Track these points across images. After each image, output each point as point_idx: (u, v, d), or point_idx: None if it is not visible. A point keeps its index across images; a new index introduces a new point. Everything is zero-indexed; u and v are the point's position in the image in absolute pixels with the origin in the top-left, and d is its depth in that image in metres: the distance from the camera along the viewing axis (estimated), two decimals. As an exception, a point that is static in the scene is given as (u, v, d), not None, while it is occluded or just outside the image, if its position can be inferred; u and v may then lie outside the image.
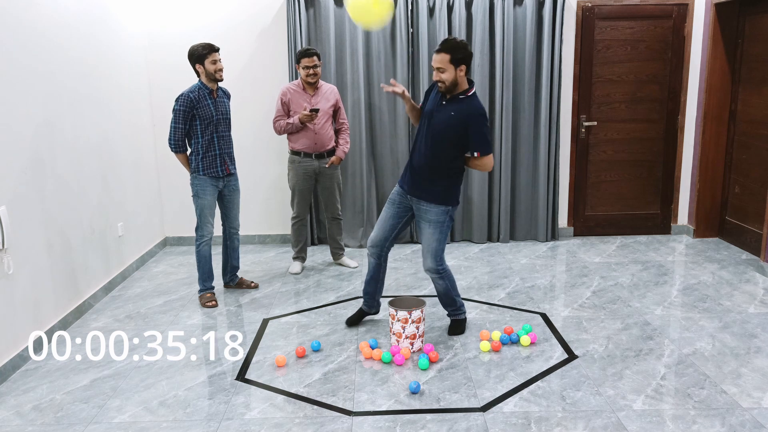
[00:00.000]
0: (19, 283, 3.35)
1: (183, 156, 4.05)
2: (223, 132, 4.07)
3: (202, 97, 3.94)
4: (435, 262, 3.41)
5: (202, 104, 3.94)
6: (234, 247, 4.37)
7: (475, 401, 2.88)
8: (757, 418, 2.70)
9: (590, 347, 3.42)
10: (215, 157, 4.04)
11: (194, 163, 4.03)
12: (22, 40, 3.43)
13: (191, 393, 3.01)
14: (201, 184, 4.04)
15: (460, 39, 3.28)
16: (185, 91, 3.93)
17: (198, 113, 3.94)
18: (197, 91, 3.93)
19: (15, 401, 2.97)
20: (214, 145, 4.03)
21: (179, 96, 3.92)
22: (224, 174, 4.10)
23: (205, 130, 3.98)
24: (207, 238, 4.12)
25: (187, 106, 3.90)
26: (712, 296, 4.15)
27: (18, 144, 3.36)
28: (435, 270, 3.43)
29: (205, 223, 4.09)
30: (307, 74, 4.43)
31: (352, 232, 5.46)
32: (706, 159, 5.38)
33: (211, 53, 3.90)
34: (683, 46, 5.38)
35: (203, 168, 4.02)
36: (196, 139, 4.00)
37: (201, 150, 4.00)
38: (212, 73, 3.92)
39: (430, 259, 3.40)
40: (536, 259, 5.04)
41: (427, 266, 3.42)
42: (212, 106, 3.98)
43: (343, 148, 4.70)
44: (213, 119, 3.99)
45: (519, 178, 5.49)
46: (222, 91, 4.13)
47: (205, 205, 4.07)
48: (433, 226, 3.37)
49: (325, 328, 3.74)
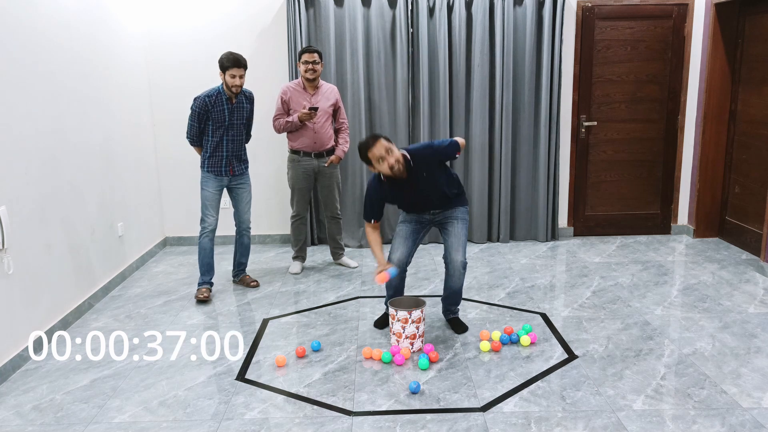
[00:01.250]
0: (19, 283, 3.34)
1: (198, 149, 4.28)
2: (234, 136, 4.21)
3: (219, 102, 4.09)
4: (463, 256, 3.50)
5: (217, 109, 4.10)
6: (243, 243, 4.49)
7: (475, 401, 2.88)
8: (757, 418, 2.70)
9: (590, 347, 3.42)
10: (221, 159, 4.20)
11: (202, 159, 4.23)
12: (22, 40, 3.43)
13: (191, 393, 3.01)
14: (205, 178, 4.24)
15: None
16: (202, 94, 4.09)
17: (212, 116, 4.11)
18: (215, 96, 4.09)
19: (15, 401, 2.97)
20: (222, 147, 4.18)
21: (196, 97, 4.10)
22: (228, 175, 4.24)
23: (215, 131, 4.15)
24: (207, 230, 4.24)
25: (201, 108, 4.08)
26: (712, 296, 4.15)
27: (18, 144, 3.36)
28: (465, 264, 3.52)
29: (206, 215, 4.24)
30: (306, 69, 4.43)
31: (352, 231, 5.46)
32: (706, 159, 5.38)
33: (232, 68, 4.00)
34: (683, 46, 5.38)
35: (208, 166, 4.21)
36: (207, 139, 4.18)
37: (209, 149, 4.18)
38: (228, 86, 4.06)
39: (463, 252, 3.49)
40: (536, 259, 5.04)
41: (461, 260, 3.48)
42: (227, 112, 4.13)
43: (342, 147, 4.70)
44: (225, 123, 4.14)
45: (519, 178, 5.49)
46: (244, 95, 4.22)
47: (206, 197, 4.23)
48: (461, 223, 3.53)
49: (325, 328, 3.74)
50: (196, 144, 4.22)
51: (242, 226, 4.42)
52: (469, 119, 5.35)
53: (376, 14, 5.13)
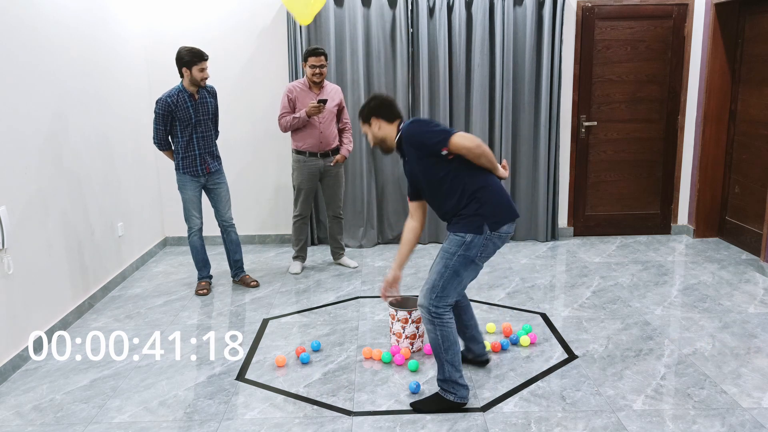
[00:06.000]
0: (19, 283, 3.34)
1: (168, 152, 4.27)
2: (203, 132, 4.20)
3: (181, 100, 4.07)
4: (427, 297, 2.75)
5: (181, 107, 4.07)
6: (231, 240, 4.47)
7: (475, 401, 2.88)
8: (757, 418, 2.70)
9: (590, 347, 3.42)
10: (195, 158, 4.19)
11: (176, 161, 4.23)
12: (22, 40, 3.43)
13: (191, 393, 3.01)
14: (182, 180, 4.25)
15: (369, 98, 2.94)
16: (164, 95, 4.07)
17: (177, 116, 4.09)
18: (176, 95, 4.07)
19: (15, 401, 2.97)
20: (194, 145, 4.17)
21: (158, 99, 4.07)
22: (204, 173, 4.25)
23: (184, 131, 4.13)
24: (194, 229, 4.33)
25: (164, 110, 4.05)
26: (712, 296, 4.15)
27: (18, 144, 3.36)
28: (425, 307, 2.75)
29: (189, 216, 4.30)
30: (314, 73, 4.42)
31: (352, 232, 5.46)
32: (706, 159, 5.38)
33: (201, 61, 4.01)
34: (683, 46, 5.38)
35: (183, 167, 4.21)
36: (176, 140, 4.17)
37: (181, 150, 4.18)
38: (197, 81, 4.04)
39: (426, 293, 2.75)
40: (536, 259, 5.04)
41: (420, 301, 2.79)
42: (191, 109, 4.10)
43: (347, 146, 4.71)
44: (192, 121, 4.12)
45: (519, 178, 5.49)
46: (206, 91, 4.20)
47: (187, 199, 4.27)
48: (440, 254, 2.79)
49: (325, 328, 3.74)
50: (165, 148, 4.21)
51: (225, 223, 4.43)
52: (469, 119, 5.35)
53: (376, 14, 5.13)
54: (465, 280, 2.77)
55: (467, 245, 2.70)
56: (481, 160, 2.70)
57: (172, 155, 4.25)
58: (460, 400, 2.79)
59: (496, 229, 2.71)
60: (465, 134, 2.68)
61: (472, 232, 2.70)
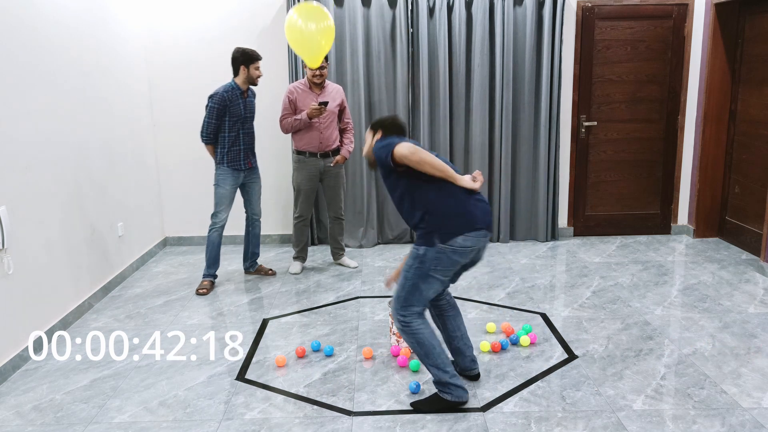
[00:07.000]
0: (19, 283, 3.34)
1: (211, 147, 4.38)
2: (248, 129, 4.42)
3: (235, 96, 4.26)
4: (394, 306, 2.78)
5: (234, 103, 4.26)
6: (255, 234, 4.68)
7: (475, 401, 2.88)
8: (757, 418, 2.70)
9: (590, 347, 3.42)
10: (239, 152, 4.37)
11: (219, 155, 4.35)
12: (22, 40, 3.43)
13: (191, 393, 3.01)
14: (222, 175, 4.36)
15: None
16: (219, 90, 4.22)
17: (229, 111, 4.25)
18: (231, 91, 4.24)
19: (15, 401, 2.97)
20: (240, 140, 4.35)
21: (214, 94, 4.21)
22: (246, 168, 4.43)
23: (233, 126, 4.30)
24: (219, 225, 4.41)
25: (220, 104, 4.20)
26: (712, 296, 4.15)
27: (18, 144, 3.36)
28: (394, 316, 2.79)
29: (219, 211, 4.40)
30: (314, 74, 4.43)
31: (352, 232, 5.46)
32: (706, 159, 5.38)
33: (257, 61, 4.25)
34: (683, 46, 5.38)
35: (228, 161, 4.35)
36: (224, 134, 4.30)
37: (227, 144, 4.32)
38: (254, 79, 4.27)
39: (396, 303, 2.77)
40: (536, 259, 5.04)
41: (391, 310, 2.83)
42: (242, 105, 4.30)
43: (348, 147, 4.70)
44: (241, 117, 4.32)
45: (519, 178, 5.49)
46: (251, 90, 4.46)
47: (223, 194, 4.38)
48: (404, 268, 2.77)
49: (325, 328, 3.74)
50: (211, 142, 4.32)
51: (254, 216, 4.63)
52: (469, 119, 5.35)
53: (376, 14, 5.13)
54: (426, 292, 2.73)
55: (421, 258, 2.68)
56: (425, 168, 2.61)
57: (214, 151, 4.36)
58: (457, 399, 2.79)
59: (445, 241, 2.63)
60: (405, 143, 2.62)
61: (425, 245, 2.67)
